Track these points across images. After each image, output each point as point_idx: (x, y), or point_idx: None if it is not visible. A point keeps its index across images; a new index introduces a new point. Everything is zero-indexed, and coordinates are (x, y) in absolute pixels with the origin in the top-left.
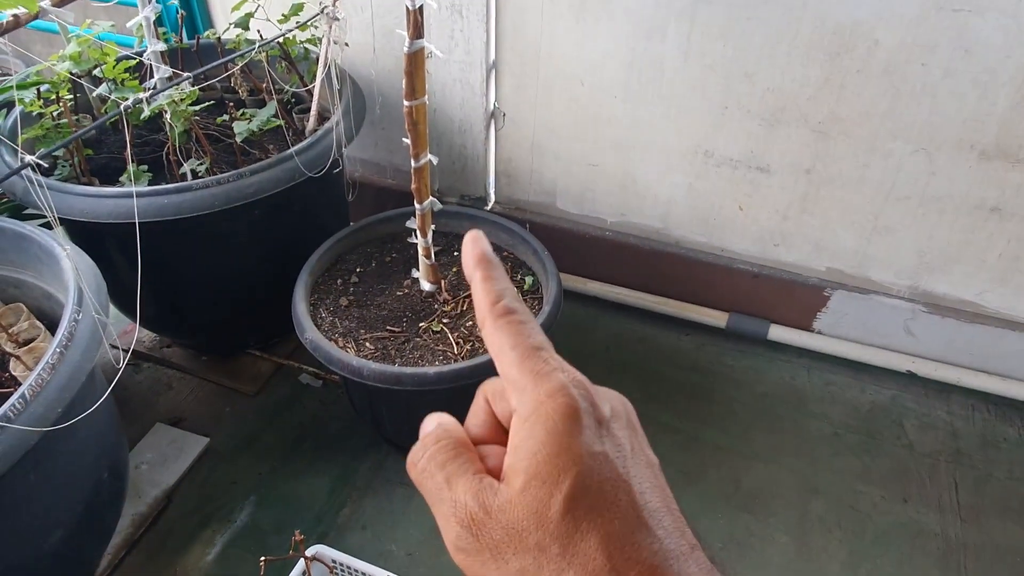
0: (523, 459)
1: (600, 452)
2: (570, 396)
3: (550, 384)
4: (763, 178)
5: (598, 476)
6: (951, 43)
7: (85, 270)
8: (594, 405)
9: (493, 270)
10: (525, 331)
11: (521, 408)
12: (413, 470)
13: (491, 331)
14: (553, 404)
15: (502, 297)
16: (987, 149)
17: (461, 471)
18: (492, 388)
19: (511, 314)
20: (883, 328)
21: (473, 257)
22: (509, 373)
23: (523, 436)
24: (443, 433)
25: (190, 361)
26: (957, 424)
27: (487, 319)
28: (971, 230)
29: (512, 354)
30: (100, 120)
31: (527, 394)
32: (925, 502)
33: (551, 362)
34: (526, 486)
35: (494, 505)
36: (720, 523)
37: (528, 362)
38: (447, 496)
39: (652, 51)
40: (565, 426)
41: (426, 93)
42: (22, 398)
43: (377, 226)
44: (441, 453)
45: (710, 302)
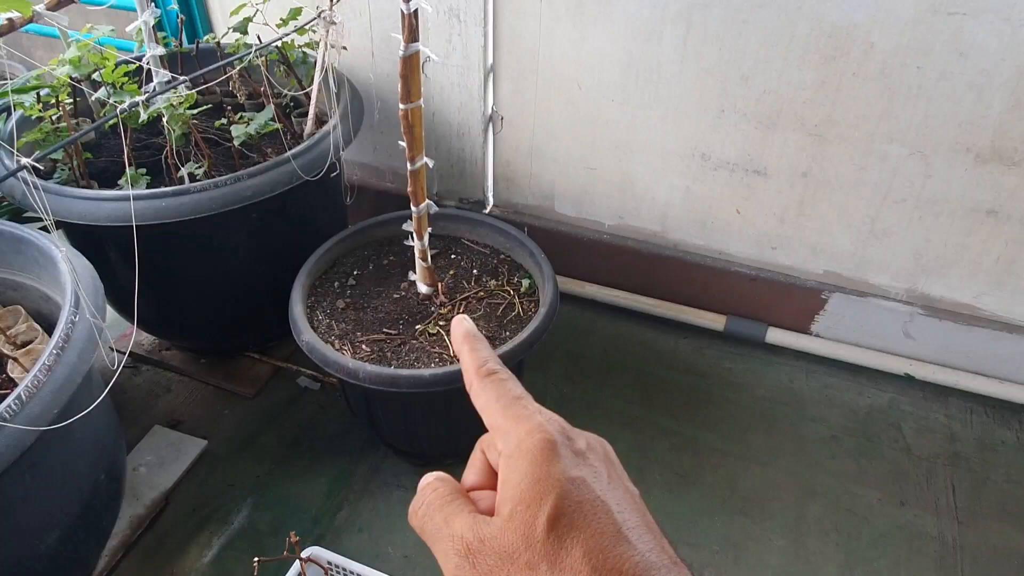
0: (509, 489)
1: (578, 476)
2: (546, 431)
3: (529, 424)
4: (760, 181)
5: (577, 496)
6: (946, 46)
7: (82, 273)
8: (570, 439)
9: (477, 343)
10: (507, 386)
11: (506, 449)
12: (414, 518)
13: (478, 389)
14: (531, 440)
15: (487, 362)
16: (983, 152)
17: (457, 511)
18: (487, 440)
19: (494, 374)
20: (881, 331)
21: (460, 335)
22: (495, 421)
23: (508, 471)
24: (439, 483)
25: (189, 364)
26: (955, 427)
27: (474, 380)
28: (967, 233)
29: (497, 405)
30: (96, 124)
31: (511, 435)
32: (922, 505)
33: (530, 407)
34: (512, 512)
35: (487, 534)
36: (717, 526)
37: (510, 409)
38: (446, 532)
39: (649, 54)
40: (543, 456)
41: (421, 96)
42: (18, 399)
43: (375, 229)
44: (438, 499)
45: (708, 305)
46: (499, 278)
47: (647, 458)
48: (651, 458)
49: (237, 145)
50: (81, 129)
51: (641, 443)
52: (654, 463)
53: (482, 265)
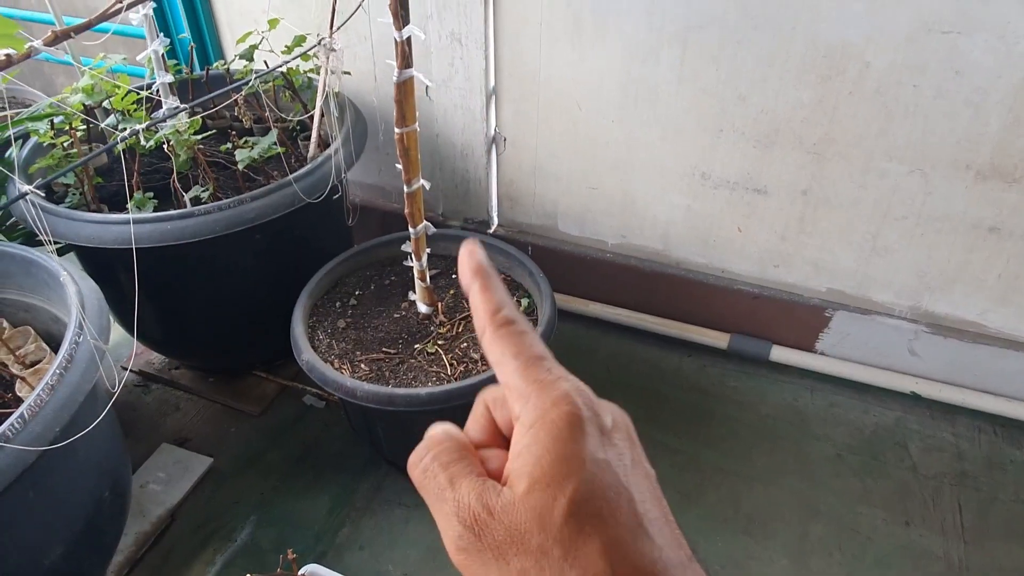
0: (527, 463)
1: (603, 460)
2: (574, 404)
3: (555, 392)
4: (760, 199)
5: (601, 483)
6: (941, 64)
7: (88, 294)
8: (597, 414)
9: (490, 280)
10: (527, 341)
11: (525, 415)
12: (415, 471)
13: (492, 340)
14: (558, 411)
15: (502, 307)
16: (982, 169)
17: (464, 472)
18: (492, 395)
19: (511, 324)
20: (886, 349)
21: (470, 268)
22: (512, 381)
23: (527, 442)
24: (446, 436)
25: (197, 382)
26: (962, 446)
27: (487, 328)
28: (970, 250)
29: (514, 363)
30: (101, 149)
31: (531, 402)
32: (928, 525)
33: (554, 371)
34: (530, 489)
35: (497, 506)
36: (719, 545)
37: (532, 371)
38: (450, 496)
39: (647, 75)
40: (569, 433)
41: (416, 120)
42: (20, 418)
43: (377, 250)
44: (444, 455)
45: (711, 323)
46: None
47: None
48: None
49: (242, 169)
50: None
51: None
52: (657, 481)
53: None
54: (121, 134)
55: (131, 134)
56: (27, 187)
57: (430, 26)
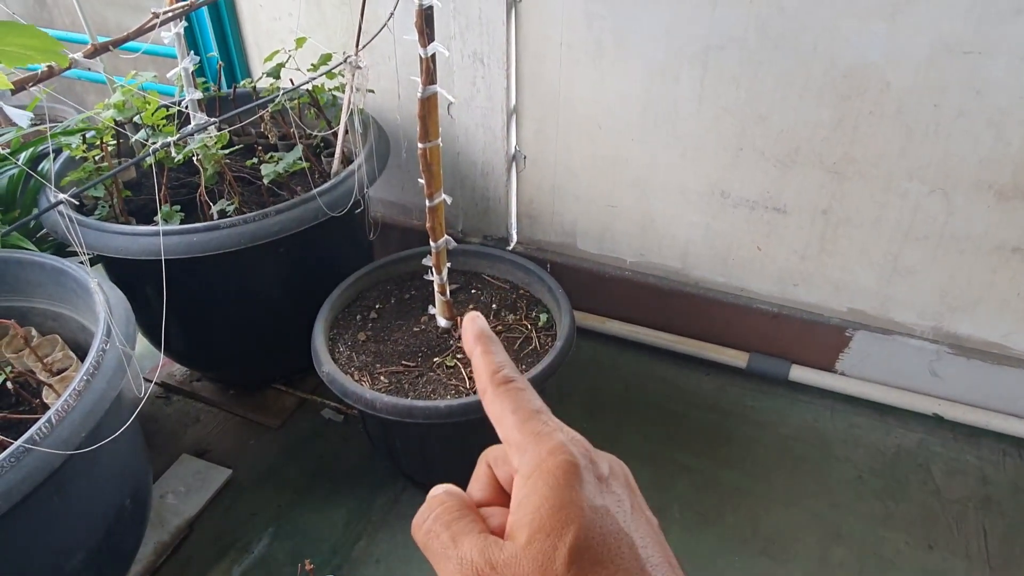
0: (527, 514)
1: (601, 506)
2: (570, 453)
3: (551, 443)
4: (780, 218)
5: (600, 528)
6: (963, 84)
7: (115, 303)
8: (593, 462)
9: (492, 345)
10: (525, 397)
11: (523, 467)
12: (418, 532)
13: (492, 398)
14: (554, 461)
15: (502, 368)
16: (1004, 189)
17: (466, 530)
18: (494, 454)
19: (511, 382)
20: (907, 369)
21: (473, 334)
22: (511, 436)
23: (526, 493)
24: (447, 496)
25: (218, 394)
26: (987, 470)
27: (488, 388)
28: (993, 270)
29: (513, 418)
30: (131, 161)
31: (528, 454)
32: (952, 550)
33: (550, 423)
34: (531, 539)
35: (500, 560)
36: (737, 567)
37: (529, 424)
38: (453, 554)
39: (667, 95)
40: (566, 481)
41: (439, 136)
42: (48, 422)
43: (397, 264)
44: (446, 514)
45: (730, 342)
46: (517, 312)
47: (667, 496)
48: (671, 496)
49: (267, 183)
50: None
51: (661, 480)
52: (674, 501)
53: (501, 300)
54: (152, 146)
55: (162, 146)
56: (61, 196)
57: (453, 46)
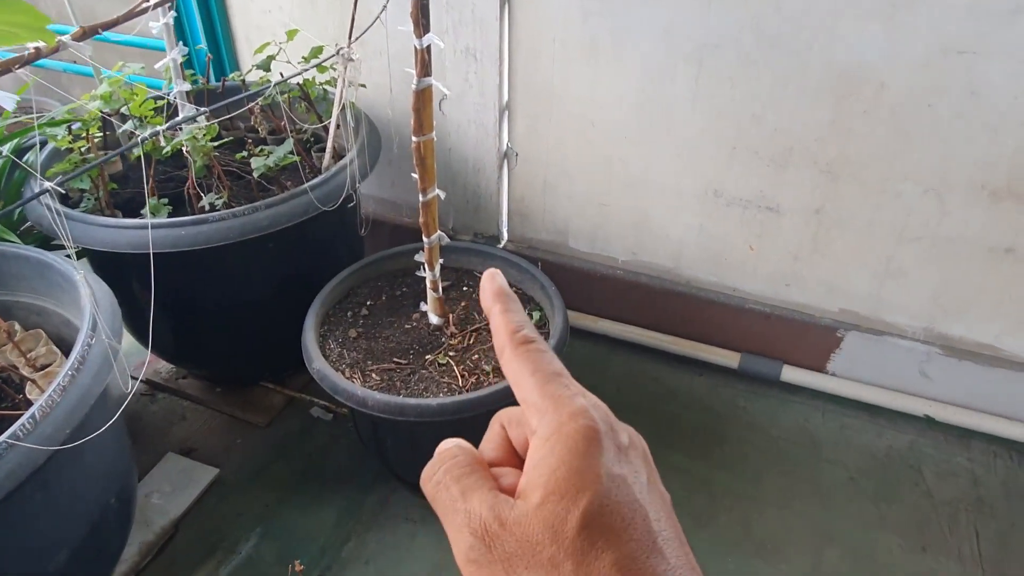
0: (542, 475)
1: (619, 475)
2: (591, 419)
3: (572, 407)
4: (773, 218)
5: (616, 497)
6: (958, 86)
7: (101, 297)
8: (614, 431)
9: (511, 303)
10: (545, 359)
11: (542, 429)
12: (428, 483)
13: (511, 358)
14: (574, 425)
15: (521, 327)
16: (998, 190)
17: (476, 485)
18: (508, 415)
19: (530, 343)
20: (899, 371)
21: (491, 292)
22: (530, 397)
23: (543, 454)
24: (459, 451)
25: (204, 392)
26: (978, 471)
27: (507, 347)
28: (986, 272)
29: (532, 379)
30: (117, 151)
31: (548, 416)
32: (945, 552)
33: (571, 387)
34: (544, 501)
35: (509, 517)
36: (730, 569)
37: (549, 386)
38: (461, 507)
39: (661, 94)
40: (585, 446)
41: (433, 129)
42: (32, 418)
43: (388, 261)
44: (457, 468)
45: (722, 342)
46: None
47: None
48: None
49: (256, 177)
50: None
51: None
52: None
53: None
54: (142, 135)
55: (152, 135)
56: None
57: (446, 41)
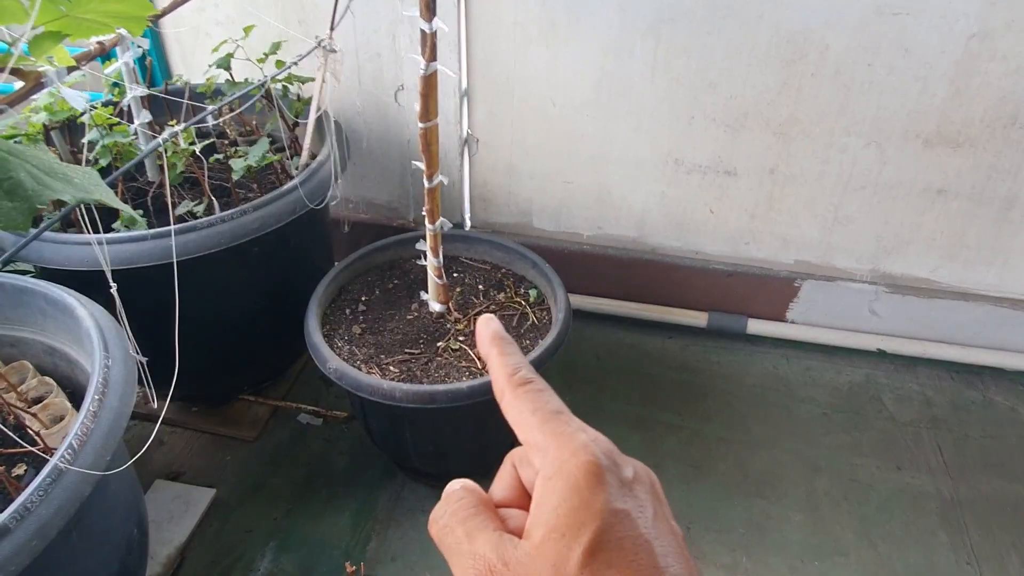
0: (544, 513)
1: (622, 510)
2: (593, 454)
3: (573, 444)
4: (731, 181)
5: (619, 533)
6: (892, 44)
7: (103, 317)
8: (617, 465)
9: (507, 346)
10: (544, 398)
11: (544, 468)
12: (434, 527)
13: (511, 400)
14: (576, 462)
15: (519, 369)
16: (930, 137)
17: (481, 526)
18: (519, 455)
19: (529, 383)
20: (850, 312)
21: (488, 337)
22: (531, 437)
23: (546, 492)
24: (464, 492)
25: (180, 414)
26: (928, 393)
27: (506, 390)
28: (921, 212)
29: (533, 419)
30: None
31: (551, 455)
32: (916, 467)
33: (572, 424)
34: (545, 538)
35: (513, 557)
36: (737, 510)
37: (549, 424)
38: (467, 549)
39: (620, 69)
40: (587, 482)
41: (438, 115)
42: (71, 448)
43: (374, 255)
44: (463, 510)
45: (689, 303)
46: (506, 291)
47: (659, 454)
48: (663, 453)
49: (235, 179)
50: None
51: (651, 440)
52: (667, 458)
53: (486, 280)
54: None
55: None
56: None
57: (401, 30)
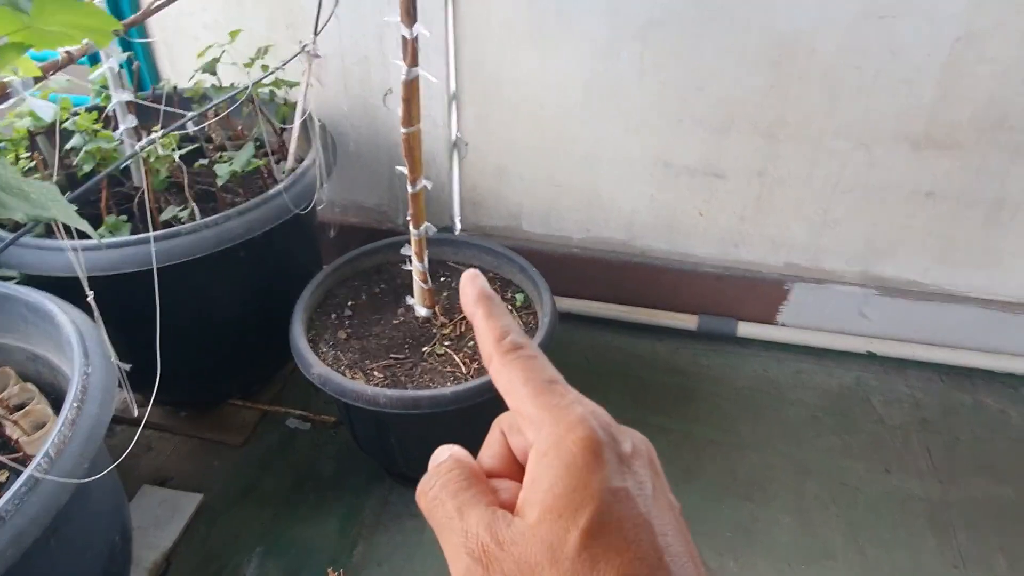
0: (539, 492)
1: (621, 488)
2: (591, 429)
3: (570, 417)
4: (720, 183)
5: (618, 513)
6: (880, 46)
7: (84, 324)
8: (615, 439)
9: (494, 307)
10: (536, 365)
11: (539, 443)
12: (423, 499)
13: (500, 367)
14: (573, 437)
15: (508, 332)
16: (918, 140)
17: (473, 501)
18: (508, 421)
19: (520, 349)
20: (840, 314)
21: (473, 295)
22: (524, 409)
23: (541, 470)
24: (455, 463)
25: (168, 418)
26: (918, 396)
27: (494, 356)
28: (910, 215)
29: (525, 389)
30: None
31: (545, 428)
32: (905, 470)
33: (568, 395)
34: (541, 519)
35: (507, 537)
36: (725, 512)
37: (544, 396)
38: (458, 526)
39: (609, 72)
40: (585, 460)
41: (421, 120)
42: (47, 457)
43: (360, 259)
44: (453, 483)
45: (679, 306)
46: None
47: None
48: None
49: (220, 184)
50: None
51: None
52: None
53: None
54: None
55: (148, 143)
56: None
57: (389, 34)
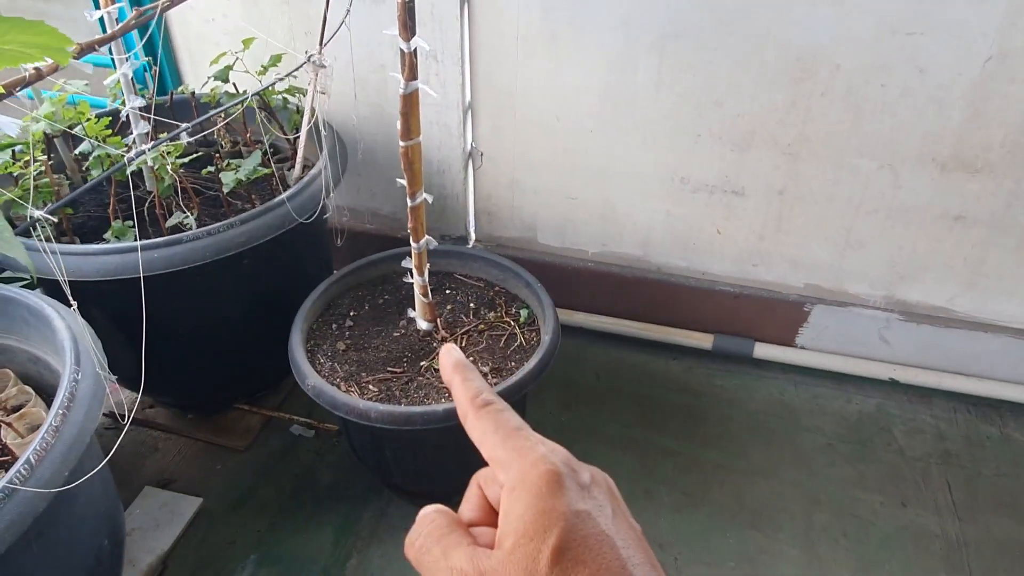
0: (512, 522)
1: (583, 510)
2: (552, 463)
3: (533, 456)
4: (738, 201)
5: (583, 531)
6: (907, 64)
7: (79, 330)
8: (574, 471)
9: (469, 372)
10: (504, 417)
11: (509, 481)
12: (411, 550)
13: (474, 422)
14: (536, 471)
15: (480, 392)
16: (947, 161)
17: (456, 543)
18: (484, 475)
19: (490, 404)
20: (863, 338)
21: (450, 365)
22: (495, 454)
23: (511, 502)
24: (437, 515)
25: (175, 420)
26: (942, 427)
27: (469, 412)
28: (937, 239)
29: (496, 436)
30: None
31: (513, 468)
32: (922, 504)
33: (531, 438)
34: (516, 545)
35: (487, 566)
36: (729, 542)
37: (511, 440)
38: (444, 566)
39: (624, 84)
40: (549, 488)
41: (420, 133)
42: (27, 464)
43: (366, 269)
44: (437, 530)
45: (695, 325)
46: (497, 310)
47: (653, 479)
48: (657, 479)
49: (226, 192)
50: (62, 185)
51: (645, 465)
52: (660, 484)
53: (478, 298)
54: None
55: (138, 155)
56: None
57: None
